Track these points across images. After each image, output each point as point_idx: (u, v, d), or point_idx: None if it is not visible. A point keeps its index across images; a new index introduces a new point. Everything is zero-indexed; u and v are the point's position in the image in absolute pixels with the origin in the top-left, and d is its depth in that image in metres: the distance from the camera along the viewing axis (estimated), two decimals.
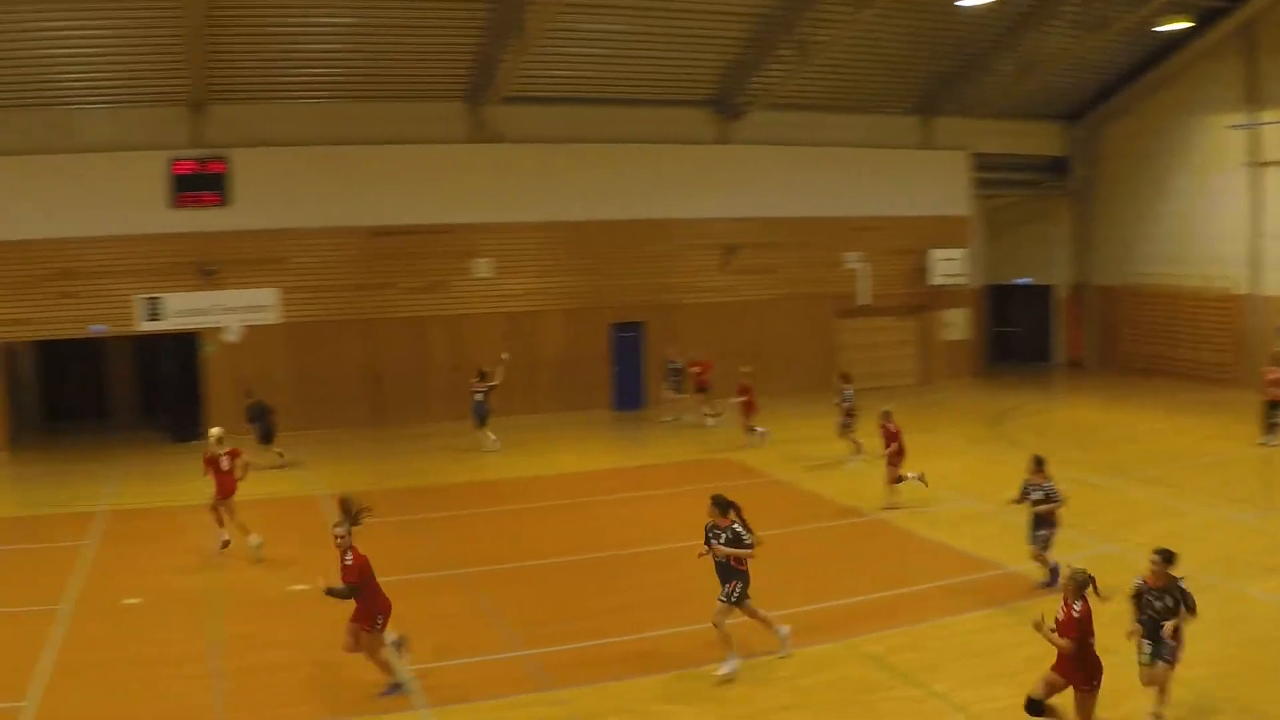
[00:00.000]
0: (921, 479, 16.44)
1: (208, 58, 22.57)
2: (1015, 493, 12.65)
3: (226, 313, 24.70)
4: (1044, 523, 12.39)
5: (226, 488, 15.43)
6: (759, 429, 22.10)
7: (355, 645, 10.26)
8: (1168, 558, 8.91)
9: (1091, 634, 8.26)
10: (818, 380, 26.94)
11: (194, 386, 24.89)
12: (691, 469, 20.25)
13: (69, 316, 23.94)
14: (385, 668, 10.29)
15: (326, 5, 22.56)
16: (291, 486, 20.06)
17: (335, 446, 23.45)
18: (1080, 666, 8.20)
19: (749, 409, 22.00)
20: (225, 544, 15.36)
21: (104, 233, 23.99)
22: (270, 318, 24.90)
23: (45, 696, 10.32)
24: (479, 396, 22.52)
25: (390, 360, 25.28)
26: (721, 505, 10.62)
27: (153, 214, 24.13)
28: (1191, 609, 8.85)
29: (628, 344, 26.38)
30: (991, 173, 30.06)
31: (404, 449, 23.25)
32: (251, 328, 24.80)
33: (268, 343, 24.86)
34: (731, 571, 10.49)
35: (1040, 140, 30.87)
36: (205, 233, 24.40)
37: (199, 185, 24.29)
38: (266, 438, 21.80)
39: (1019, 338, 33.25)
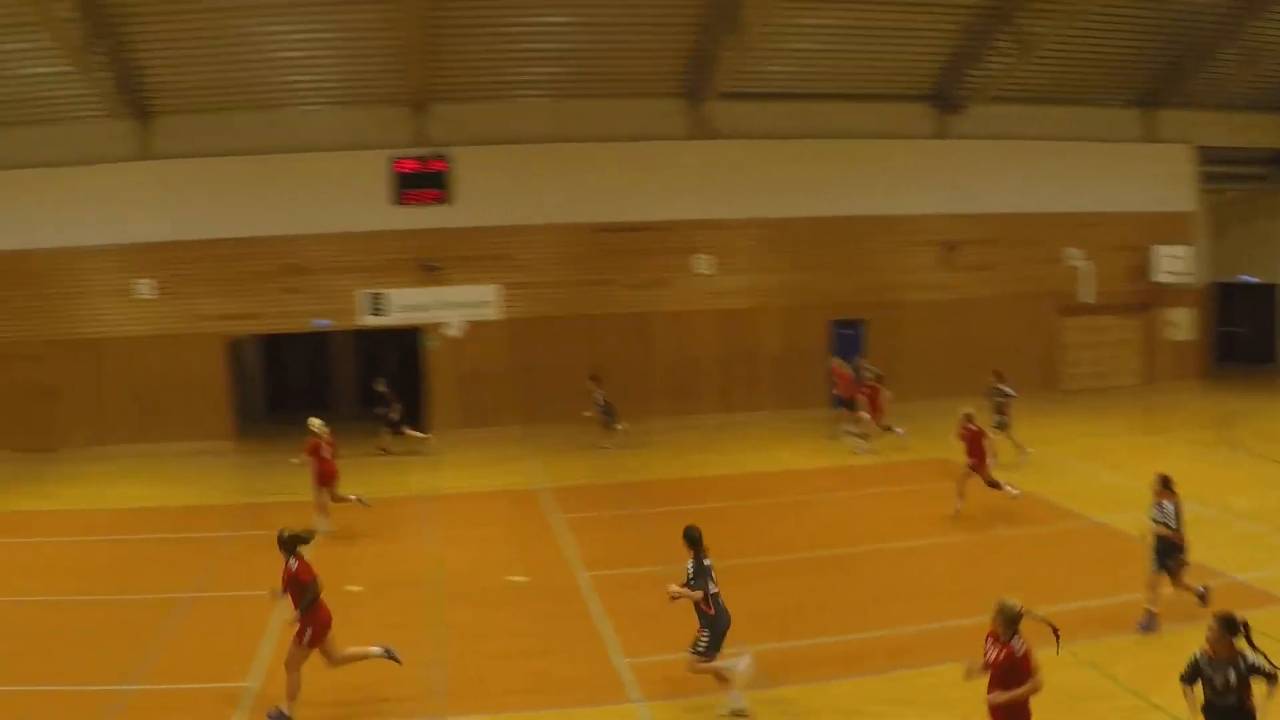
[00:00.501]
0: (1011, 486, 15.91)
1: (429, 58, 23.09)
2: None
3: (448, 308, 24.95)
4: (1169, 548, 11.04)
5: (327, 474, 16.06)
6: (897, 429, 21.47)
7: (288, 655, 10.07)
8: (1229, 626, 7.16)
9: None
10: (1039, 379, 26.25)
11: (415, 380, 25.10)
12: (905, 469, 19.79)
13: (293, 311, 24.71)
14: (293, 687, 9.80)
15: (545, 4, 22.92)
16: (514, 479, 20.34)
17: (556, 441, 23.64)
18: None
19: (875, 410, 21.40)
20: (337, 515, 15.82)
21: (327, 230, 24.67)
22: (491, 314, 25.10)
23: (268, 678, 10.65)
24: (600, 397, 22.68)
25: (611, 356, 25.21)
26: (691, 539, 9.81)
27: (375, 211, 24.69)
28: (1272, 678, 7.00)
29: (848, 342, 25.92)
30: (1215, 166, 29.09)
31: (627, 444, 23.16)
32: (473, 323, 24.91)
33: (489, 338, 25.06)
34: (701, 614, 9.67)
35: (1266, 133, 29.80)
36: (427, 229, 24.84)
37: (422, 183, 24.68)
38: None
39: (1243, 338, 31.98)
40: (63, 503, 19.74)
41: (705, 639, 9.56)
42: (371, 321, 25.05)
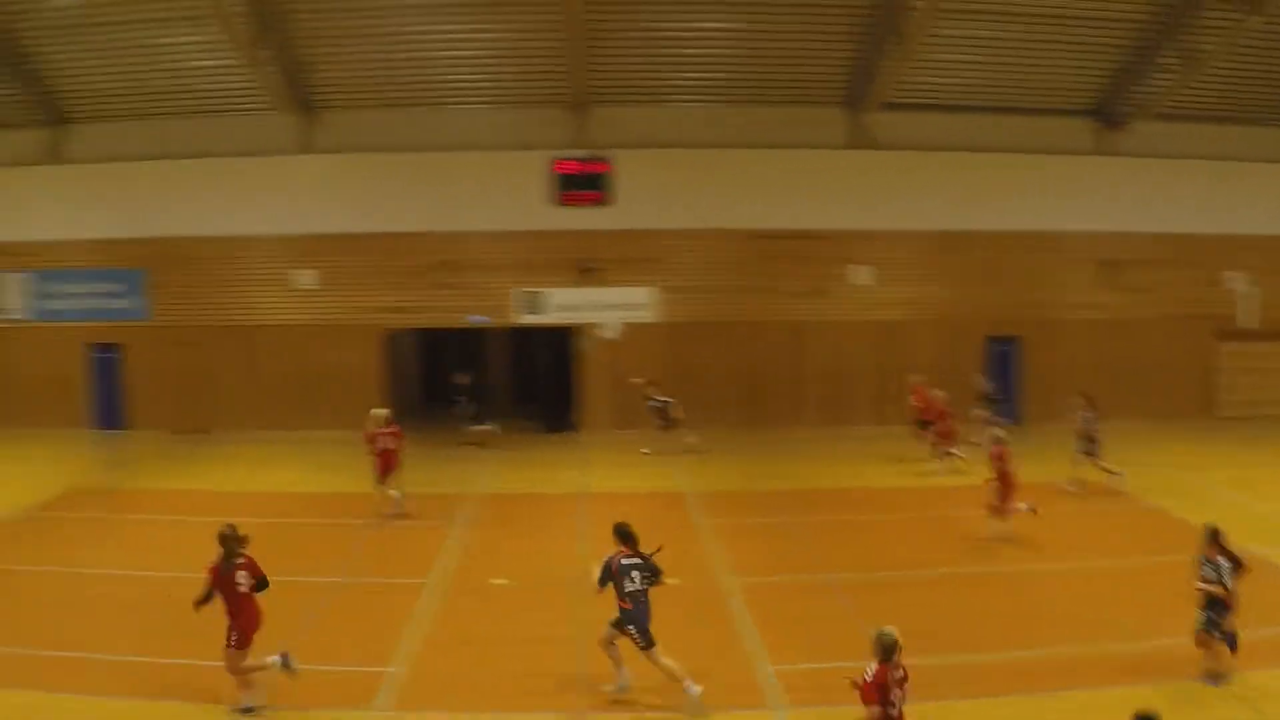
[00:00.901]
0: (1033, 510, 15.45)
1: (589, 61, 23.49)
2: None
3: (604, 309, 25.14)
4: (1215, 605, 10.38)
5: (388, 464, 16.62)
6: (954, 451, 20.81)
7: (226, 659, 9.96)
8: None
9: (889, 703, 7.69)
10: (1193, 405, 25.91)
11: (568, 380, 25.33)
12: (1051, 490, 19.07)
13: (448, 306, 25.27)
14: (243, 685, 9.91)
15: (707, 10, 23.21)
16: (663, 482, 20.54)
17: (707, 444, 23.45)
18: None
19: (944, 434, 20.94)
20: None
21: (485, 228, 25.11)
22: (647, 316, 25.26)
23: (413, 664, 11.09)
24: (656, 404, 22.60)
25: (764, 363, 25.30)
26: (622, 535, 10.32)
27: (533, 211, 25.11)
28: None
29: (1002, 358, 25.70)
30: None
31: (778, 452, 23.35)
32: (628, 326, 25.09)
33: (645, 340, 25.27)
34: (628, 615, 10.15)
35: None
36: (585, 230, 25.22)
37: (582, 184, 25.01)
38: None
39: None
40: (215, 484, 20.38)
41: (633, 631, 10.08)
42: (527, 320, 25.31)
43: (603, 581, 10.18)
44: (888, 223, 25.85)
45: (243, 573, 9.96)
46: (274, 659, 10.02)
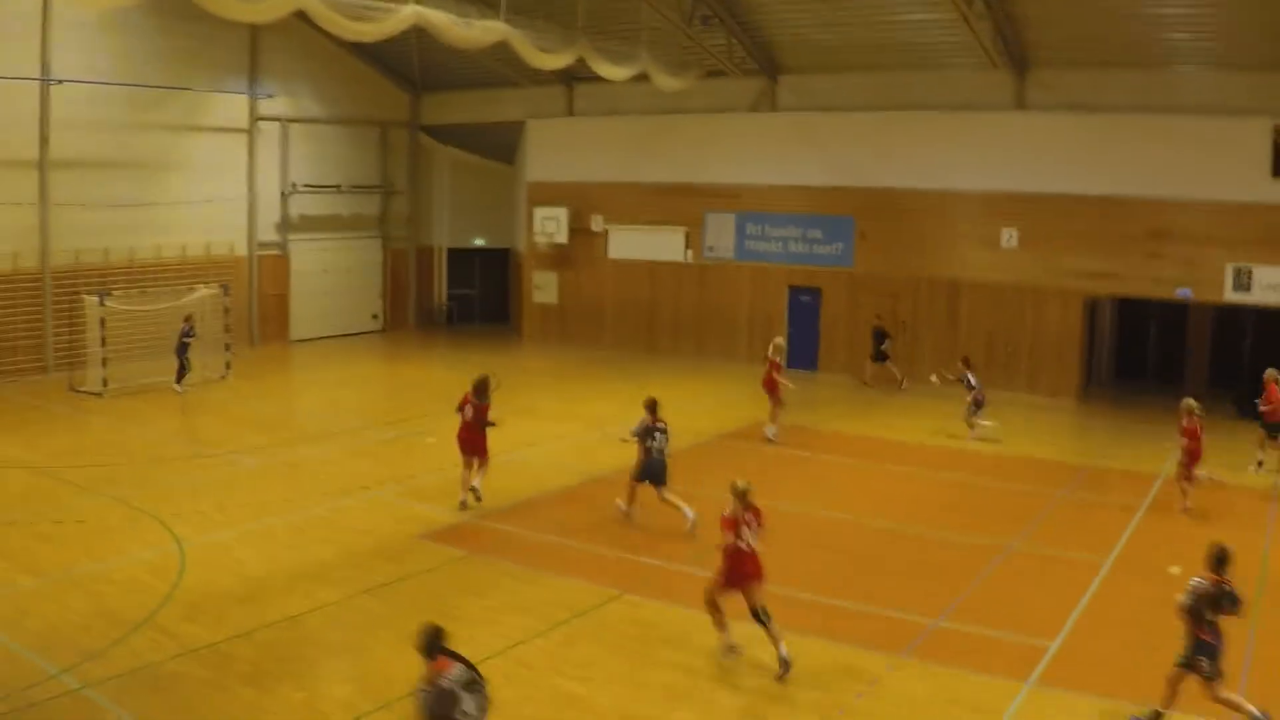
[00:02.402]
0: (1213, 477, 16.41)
1: None
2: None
3: None
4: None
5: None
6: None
7: None
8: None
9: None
10: None
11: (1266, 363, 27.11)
12: None
13: (1155, 276, 26.81)
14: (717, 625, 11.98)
15: None
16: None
17: None
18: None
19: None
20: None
21: (1197, 197, 26.42)
22: None
23: (1068, 640, 12.31)
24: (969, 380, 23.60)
25: None
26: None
27: (1251, 182, 26.05)
28: None
29: None
30: None
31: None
32: None
33: None
34: None
35: None
36: None
37: None
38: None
39: None
40: (901, 434, 23.49)
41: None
42: (1233, 297, 27.33)
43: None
44: None
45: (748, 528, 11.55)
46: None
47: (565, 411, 25.22)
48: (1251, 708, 10.16)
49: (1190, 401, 18.46)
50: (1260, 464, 20.85)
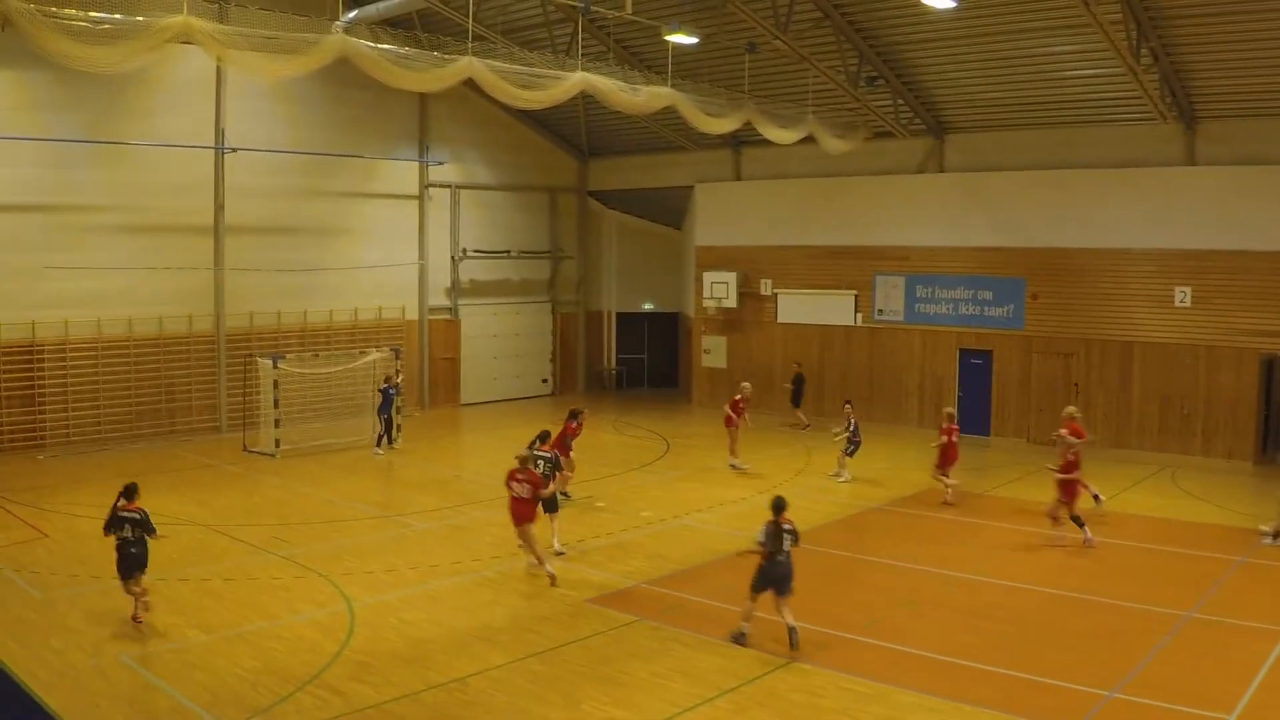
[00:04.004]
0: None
1: None
2: None
3: None
4: None
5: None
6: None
7: None
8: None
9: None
10: None
11: None
12: None
13: None
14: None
15: None
16: None
17: None
18: None
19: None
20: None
21: None
22: None
23: (1244, 713, 13.04)
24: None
25: None
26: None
27: None
28: None
29: None
30: None
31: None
32: None
33: None
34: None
35: None
36: None
37: None
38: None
39: None
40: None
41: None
42: None
43: None
44: None
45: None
46: None
47: (734, 476, 27.41)
48: None
49: None
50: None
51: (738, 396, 27.67)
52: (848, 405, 27.56)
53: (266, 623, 16.00)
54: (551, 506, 20.38)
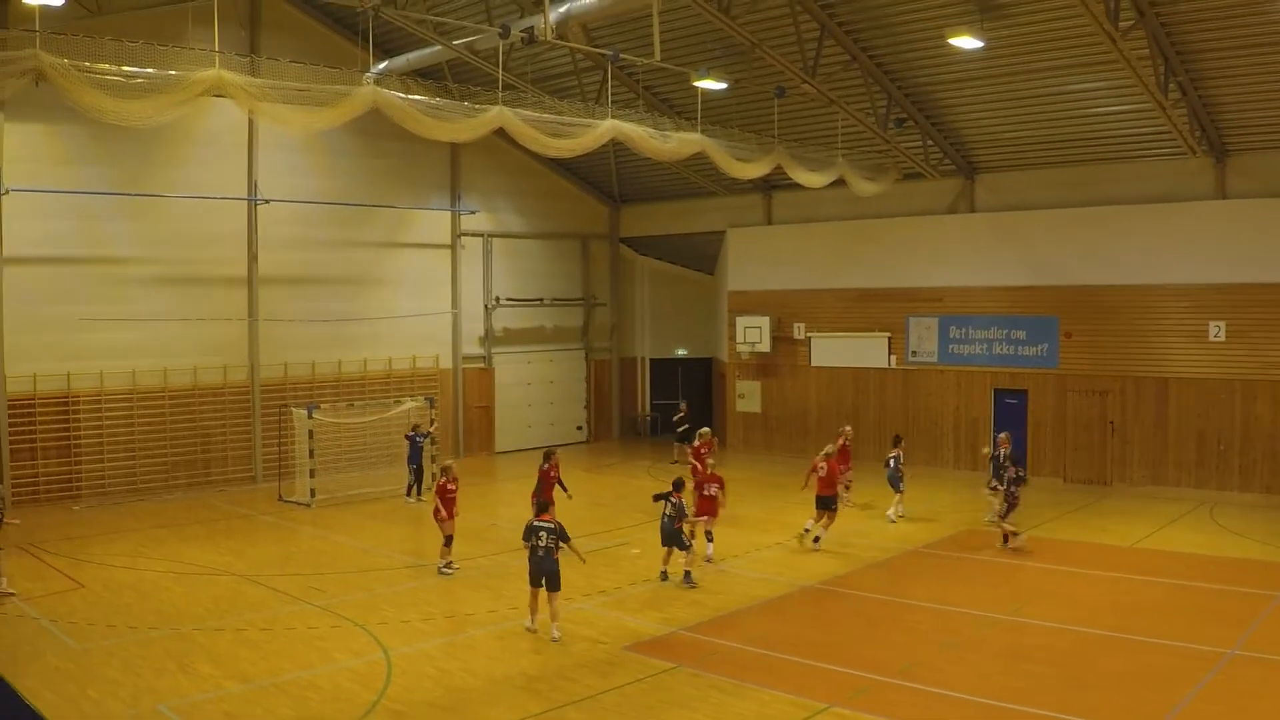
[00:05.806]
0: None
1: None
2: None
3: None
4: None
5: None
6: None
7: None
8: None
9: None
10: None
11: None
12: None
13: None
14: None
15: None
16: None
17: None
18: None
19: None
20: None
21: None
22: None
23: None
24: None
25: None
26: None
27: None
28: None
29: None
30: None
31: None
32: None
33: None
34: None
35: None
36: None
37: None
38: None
39: None
40: (1113, 538, 24.80)
41: None
42: None
43: None
44: None
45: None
46: None
47: (770, 521, 27.22)
48: None
49: None
50: None
51: (841, 440, 26.83)
52: (898, 441, 27.87)
53: (303, 672, 16.03)
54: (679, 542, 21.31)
